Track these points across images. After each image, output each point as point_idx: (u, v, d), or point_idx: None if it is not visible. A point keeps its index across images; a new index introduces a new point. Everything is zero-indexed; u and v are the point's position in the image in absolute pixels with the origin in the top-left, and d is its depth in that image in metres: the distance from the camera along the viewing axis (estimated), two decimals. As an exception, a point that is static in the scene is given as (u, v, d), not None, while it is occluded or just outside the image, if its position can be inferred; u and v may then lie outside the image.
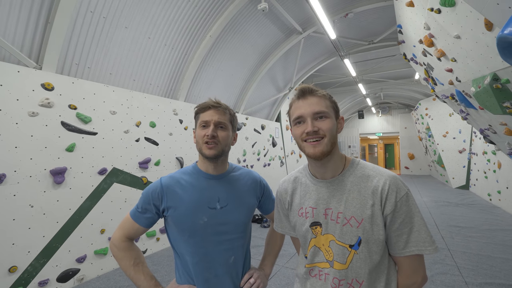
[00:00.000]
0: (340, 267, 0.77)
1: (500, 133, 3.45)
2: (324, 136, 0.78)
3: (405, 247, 0.76)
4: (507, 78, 2.24)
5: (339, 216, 0.78)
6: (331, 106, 0.82)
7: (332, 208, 0.80)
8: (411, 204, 0.77)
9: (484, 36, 2.05)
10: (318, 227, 0.82)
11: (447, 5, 2.20)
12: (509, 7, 1.38)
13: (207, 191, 0.97)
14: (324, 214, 0.81)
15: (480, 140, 6.69)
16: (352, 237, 0.77)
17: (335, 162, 0.83)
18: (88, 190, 2.84)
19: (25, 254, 2.34)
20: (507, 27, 1.27)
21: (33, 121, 2.44)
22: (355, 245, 0.76)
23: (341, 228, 0.78)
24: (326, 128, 0.79)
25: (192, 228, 0.93)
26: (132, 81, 3.52)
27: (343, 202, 0.79)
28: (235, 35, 4.56)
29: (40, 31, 2.53)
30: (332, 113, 0.82)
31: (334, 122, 0.81)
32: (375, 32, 6.15)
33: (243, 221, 1.01)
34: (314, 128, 0.78)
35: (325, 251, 0.80)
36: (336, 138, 0.82)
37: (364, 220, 0.76)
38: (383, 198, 0.76)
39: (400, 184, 0.77)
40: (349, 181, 0.81)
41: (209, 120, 0.96)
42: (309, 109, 0.79)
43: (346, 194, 0.80)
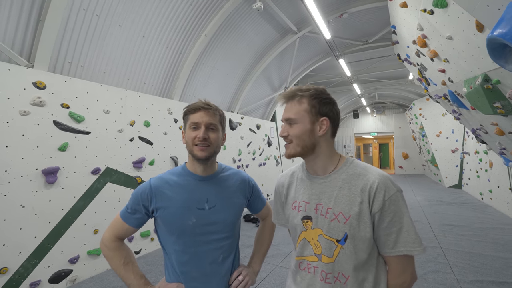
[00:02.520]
0: (327, 260, 0.80)
1: (491, 133, 3.52)
2: (291, 141, 0.85)
3: (394, 246, 0.77)
4: (497, 79, 2.28)
5: (328, 211, 0.81)
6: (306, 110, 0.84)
7: (323, 203, 0.83)
8: (400, 205, 0.78)
9: (476, 37, 2.08)
10: (309, 221, 0.84)
11: (439, 6, 2.23)
12: (499, 9, 1.41)
13: (195, 192, 0.97)
14: (315, 209, 0.83)
15: (472, 140, 6.79)
16: (339, 232, 0.79)
17: (322, 160, 0.86)
18: (81, 190, 2.80)
19: (16, 255, 2.30)
20: (496, 29, 1.29)
21: (24, 120, 2.40)
22: (341, 240, 0.78)
23: (329, 223, 0.80)
24: (293, 134, 0.84)
25: (180, 228, 0.94)
26: (126, 80, 3.49)
27: (333, 198, 0.81)
28: (230, 35, 4.55)
29: (32, 29, 2.48)
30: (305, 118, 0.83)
31: (305, 127, 0.83)
32: (369, 32, 6.20)
33: (232, 220, 1.01)
34: (283, 133, 0.87)
35: (314, 245, 0.83)
36: (310, 141, 0.83)
37: (351, 217, 0.78)
38: (371, 196, 0.78)
39: (389, 184, 0.79)
40: (341, 179, 0.83)
41: (200, 121, 0.96)
42: (284, 114, 0.88)
43: (336, 190, 0.82)
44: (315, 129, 0.84)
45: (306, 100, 0.84)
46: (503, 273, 2.82)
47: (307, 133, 0.83)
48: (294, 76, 7.31)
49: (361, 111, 14.71)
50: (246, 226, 4.63)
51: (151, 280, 2.77)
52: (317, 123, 0.84)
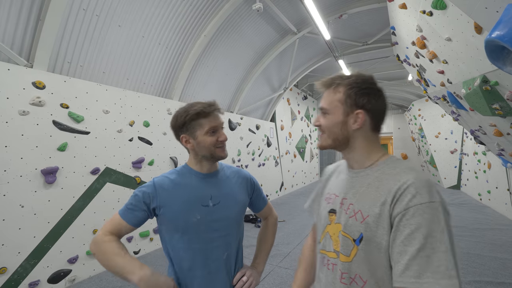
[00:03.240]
0: (345, 259, 0.72)
1: (489, 134, 3.53)
2: (323, 132, 0.79)
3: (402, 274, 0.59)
4: (496, 80, 2.29)
5: (349, 207, 0.74)
6: (341, 100, 0.75)
7: (348, 198, 0.76)
8: (430, 219, 0.59)
9: (474, 39, 2.09)
10: (334, 215, 0.79)
11: (438, 8, 2.24)
12: (497, 11, 1.42)
13: (199, 189, 0.98)
14: (341, 203, 0.78)
15: (471, 141, 6.82)
16: (355, 231, 0.70)
17: (356, 155, 0.78)
18: (80, 190, 2.80)
19: (15, 255, 2.30)
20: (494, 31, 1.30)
21: (24, 120, 2.40)
22: (357, 240, 0.70)
23: (347, 219, 0.73)
24: (324, 125, 0.78)
25: (185, 225, 0.94)
26: (126, 80, 3.49)
27: (358, 194, 0.74)
28: (230, 35, 4.55)
29: (31, 29, 2.48)
30: (338, 109, 0.75)
31: (337, 119, 0.76)
32: (369, 33, 6.22)
33: (236, 217, 1.02)
34: (316, 123, 0.81)
35: (335, 240, 0.77)
36: (342, 134, 0.76)
37: (369, 217, 0.68)
38: (395, 197, 0.64)
39: (425, 190, 0.62)
40: (374, 176, 0.73)
41: (218, 124, 0.97)
42: (320, 103, 0.82)
43: (364, 187, 0.73)
44: (349, 121, 0.75)
45: (343, 89, 0.76)
46: (500, 274, 2.83)
47: (339, 126, 0.76)
48: (293, 77, 7.31)
49: (361, 111, 14.70)
50: (246, 226, 4.63)
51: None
52: (351, 116, 0.75)
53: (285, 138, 8.40)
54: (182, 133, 0.98)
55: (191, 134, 0.96)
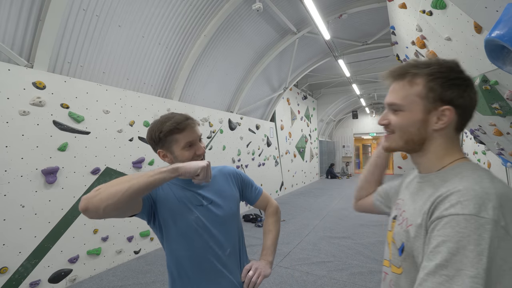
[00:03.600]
0: (395, 270, 0.64)
1: (489, 133, 3.54)
2: (393, 132, 0.66)
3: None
4: (495, 80, 2.30)
5: (402, 213, 0.67)
6: (420, 95, 0.61)
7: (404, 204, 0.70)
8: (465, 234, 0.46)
9: (474, 39, 2.10)
10: (394, 221, 0.70)
11: (438, 7, 2.24)
12: (496, 11, 1.42)
13: (189, 192, 0.98)
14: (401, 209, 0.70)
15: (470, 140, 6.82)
16: (398, 240, 0.63)
17: (428, 161, 0.65)
18: (81, 190, 2.80)
19: (16, 255, 2.30)
20: (494, 30, 1.31)
21: (24, 120, 2.40)
22: (399, 249, 0.62)
23: (397, 226, 0.66)
24: (395, 124, 0.65)
25: (184, 223, 0.93)
26: (126, 80, 3.49)
27: (410, 201, 0.66)
28: (229, 35, 4.55)
29: (32, 29, 2.48)
30: (416, 105, 0.61)
31: (414, 116, 0.62)
32: (368, 33, 6.22)
33: (232, 212, 1.02)
34: (383, 121, 0.68)
35: (389, 249, 0.69)
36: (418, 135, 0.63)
37: (411, 227, 0.59)
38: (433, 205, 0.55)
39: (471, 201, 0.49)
40: (433, 183, 0.62)
41: (194, 139, 0.94)
42: (387, 98, 0.67)
43: (421, 194, 0.64)
44: (430, 120, 0.61)
45: (422, 81, 0.61)
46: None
47: (416, 125, 0.62)
48: (293, 77, 7.32)
49: (360, 111, 14.73)
50: (246, 226, 4.63)
51: (151, 280, 2.77)
52: (434, 113, 0.60)
53: (285, 138, 8.40)
54: (158, 148, 0.95)
55: (168, 149, 0.94)
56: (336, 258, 3.29)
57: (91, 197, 0.68)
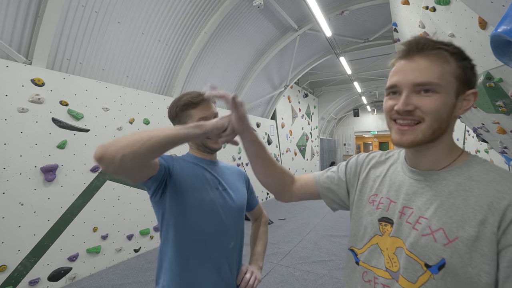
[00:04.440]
0: (406, 285, 0.55)
1: (492, 131, 3.50)
2: (422, 120, 0.55)
3: None
4: (500, 77, 2.26)
5: (420, 221, 0.56)
6: (454, 74, 0.54)
7: (414, 208, 0.58)
8: None
9: (478, 35, 2.06)
10: (388, 225, 0.62)
11: (441, 3, 2.21)
12: (503, 5, 1.38)
13: (207, 173, 0.97)
14: (400, 212, 0.60)
15: (473, 138, 6.78)
16: (432, 255, 0.53)
17: (437, 154, 0.59)
18: (80, 188, 2.79)
19: (15, 253, 2.29)
20: (500, 25, 1.27)
21: (22, 118, 2.38)
22: (433, 267, 0.52)
23: (418, 237, 0.55)
24: (429, 109, 0.53)
25: (197, 201, 0.88)
26: (125, 77, 3.47)
27: (434, 205, 0.56)
28: (230, 32, 4.51)
29: (30, 25, 2.46)
30: (452, 86, 0.54)
31: (448, 100, 0.54)
32: (370, 30, 6.17)
33: (241, 206, 1.02)
34: (408, 107, 0.55)
35: (388, 257, 0.61)
36: (446, 122, 0.56)
37: (459, 240, 0.51)
38: (506, 219, 0.48)
39: None
40: (456, 182, 0.55)
41: (209, 115, 0.91)
42: (410, 76, 0.55)
43: (443, 197, 0.55)
44: (457, 105, 0.56)
45: (454, 60, 0.54)
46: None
47: (449, 110, 0.55)
48: (294, 74, 7.27)
49: (362, 109, 14.67)
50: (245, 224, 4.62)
51: (151, 278, 2.77)
52: (462, 97, 0.56)
53: (285, 136, 8.37)
54: (175, 123, 0.96)
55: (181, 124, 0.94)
56: (337, 257, 3.27)
57: (109, 145, 0.60)
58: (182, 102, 0.92)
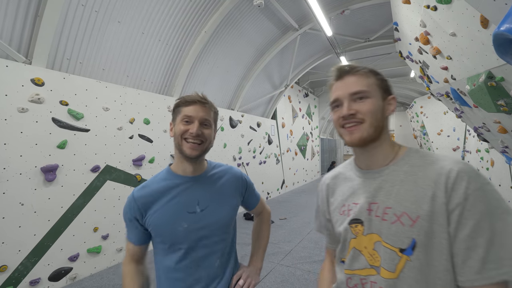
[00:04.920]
0: (388, 275, 0.61)
1: (493, 131, 3.49)
2: (363, 119, 0.67)
3: (481, 269, 0.53)
4: (501, 76, 2.25)
5: (386, 211, 0.63)
6: (376, 84, 0.69)
7: (378, 202, 0.65)
8: (491, 202, 0.55)
9: (480, 34, 2.05)
10: (359, 225, 0.67)
11: (443, 2, 2.19)
12: (506, 4, 1.37)
13: (184, 195, 0.91)
14: (368, 210, 0.66)
15: (473, 138, 6.76)
16: (404, 238, 0.60)
17: (383, 150, 0.70)
18: (80, 188, 2.79)
19: (16, 253, 2.29)
20: (503, 24, 1.26)
21: (22, 117, 2.38)
22: (407, 249, 0.59)
23: (389, 226, 0.62)
24: (366, 110, 0.66)
25: (172, 236, 0.88)
26: (126, 77, 3.46)
27: (393, 194, 0.64)
28: (230, 31, 4.50)
29: (30, 25, 2.45)
30: (377, 92, 0.69)
31: (378, 102, 0.68)
32: (371, 29, 6.15)
33: (226, 222, 0.95)
34: (351, 111, 0.67)
35: (369, 255, 0.66)
36: (382, 121, 0.69)
37: (420, 218, 0.59)
38: (448, 187, 0.58)
39: (472, 173, 0.58)
40: (403, 171, 0.65)
41: (194, 116, 0.88)
42: (346, 90, 0.69)
43: (397, 185, 0.64)
44: (385, 107, 0.69)
45: (373, 76, 0.70)
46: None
47: (381, 110, 0.68)
48: (295, 74, 7.26)
49: (362, 109, 14.65)
50: (246, 224, 4.61)
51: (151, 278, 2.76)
52: (386, 101, 0.70)
53: (286, 135, 8.37)
54: (171, 121, 0.97)
55: (174, 121, 0.94)
56: (337, 257, 3.26)
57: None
58: (179, 99, 0.94)
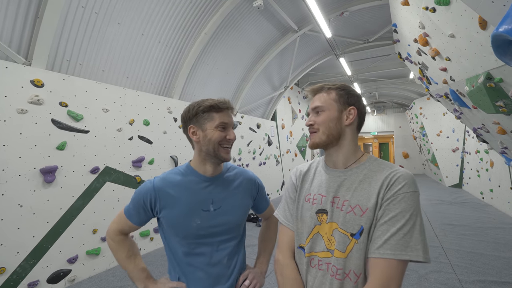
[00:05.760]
0: (340, 255, 0.76)
1: (493, 132, 3.49)
2: (317, 130, 0.85)
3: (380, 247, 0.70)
4: (500, 77, 2.26)
5: (344, 203, 0.79)
6: (334, 99, 0.85)
7: (340, 196, 0.81)
8: (414, 205, 0.72)
9: (478, 35, 2.06)
10: (324, 214, 0.82)
11: (442, 4, 2.20)
12: (504, 5, 1.38)
13: (201, 193, 0.95)
14: (332, 202, 0.81)
15: (473, 139, 6.77)
16: (355, 225, 0.75)
17: (344, 154, 0.85)
18: (79, 189, 2.78)
19: (14, 255, 2.28)
20: (502, 25, 1.27)
21: (22, 119, 2.37)
22: (356, 234, 0.75)
23: (344, 215, 0.77)
24: (319, 121, 0.85)
25: (185, 230, 0.92)
26: (125, 78, 3.46)
27: (351, 190, 0.79)
28: (230, 33, 4.52)
29: (30, 26, 2.45)
30: (333, 106, 0.85)
31: (332, 115, 0.84)
32: (370, 31, 6.17)
33: (237, 222, 1.00)
34: (310, 122, 0.87)
35: (327, 240, 0.80)
36: (335, 130, 0.84)
37: (368, 210, 0.75)
38: (388, 186, 0.75)
39: (411, 182, 0.75)
40: (363, 174, 0.81)
41: (229, 122, 0.95)
42: (311, 105, 0.89)
43: (356, 184, 0.80)
44: (343, 117, 0.85)
45: (334, 91, 0.87)
46: (505, 273, 2.80)
47: (334, 121, 0.84)
48: (294, 75, 7.28)
49: (361, 110, 14.67)
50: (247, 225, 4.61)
51: (151, 280, 2.75)
52: (345, 112, 0.85)
53: (286, 137, 8.37)
54: (191, 123, 0.95)
55: (200, 125, 0.94)
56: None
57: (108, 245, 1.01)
58: (208, 103, 0.92)
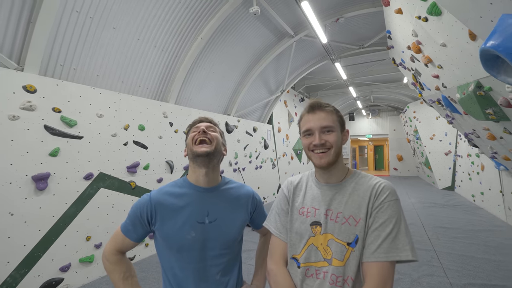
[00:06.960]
0: (338, 263, 0.80)
1: (483, 137, 3.57)
2: (330, 148, 0.87)
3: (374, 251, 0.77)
4: (489, 86, 2.31)
5: (338, 216, 0.84)
6: (337, 121, 0.90)
7: (333, 209, 0.86)
8: (398, 211, 0.81)
9: (469, 45, 2.11)
10: (318, 226, 0.86)
11: (433, 14, 2.25)
12: (491, 21, 1.42)
13: (196, 204, 0.95)
14: (325, 215, 0.86)
15: (464, 142, 6.89)
16: (350, 235, 0.81)
17: (338, 170, 0.91)
18: (73, 196, 2.74)
19: (4, 265, 2.23)
20: (489, 40, 1.30)
21: (13, 125, 2.34)
22: (352, 243, 0.80)
23: (340, 226, 0.82)
24: (333, 141, 0.87)
25: (179, 243, 0.91)
26: (120, 83, 3.44)
27: (343, 203, 0.85)
28: (227, 38, 4.53)
29: (22, 31, 2.43)
30: (338, 127, 0.90)
31: (339, 135, 0.89)
32: (365, 37, 6.26)
33: (232, 237, 0.98)
34: (321, 141, 0.87)
35: (323, 250, 0.83)
36: (340, 149, 0.90)
37: (361, 220, 0.81)
38: (376, 195, 0.83)
39: (393, 191, 0.84)
40: (351, 187, 0.88)
41: (200, 125, 1.01)
42: (318, 123, 0.88)
43: (347, 197, 0.86)
44: (341, 138, 0.92)
45: (335, 113, 0.92)
46: (494, 276, 2.85)
47: (340, 141, 0.90)
48: (290, 79, 7.32)
49: (357, 113, 14.83)
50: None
51: (146, 287, 2.73)
52: (342, 133, 0.92)
53: (282, 140, 8.39)
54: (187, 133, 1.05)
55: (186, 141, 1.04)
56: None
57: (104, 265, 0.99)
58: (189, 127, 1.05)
